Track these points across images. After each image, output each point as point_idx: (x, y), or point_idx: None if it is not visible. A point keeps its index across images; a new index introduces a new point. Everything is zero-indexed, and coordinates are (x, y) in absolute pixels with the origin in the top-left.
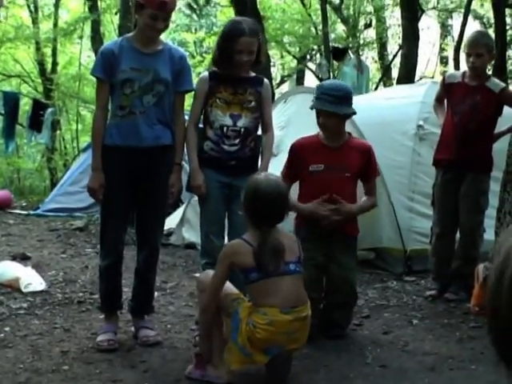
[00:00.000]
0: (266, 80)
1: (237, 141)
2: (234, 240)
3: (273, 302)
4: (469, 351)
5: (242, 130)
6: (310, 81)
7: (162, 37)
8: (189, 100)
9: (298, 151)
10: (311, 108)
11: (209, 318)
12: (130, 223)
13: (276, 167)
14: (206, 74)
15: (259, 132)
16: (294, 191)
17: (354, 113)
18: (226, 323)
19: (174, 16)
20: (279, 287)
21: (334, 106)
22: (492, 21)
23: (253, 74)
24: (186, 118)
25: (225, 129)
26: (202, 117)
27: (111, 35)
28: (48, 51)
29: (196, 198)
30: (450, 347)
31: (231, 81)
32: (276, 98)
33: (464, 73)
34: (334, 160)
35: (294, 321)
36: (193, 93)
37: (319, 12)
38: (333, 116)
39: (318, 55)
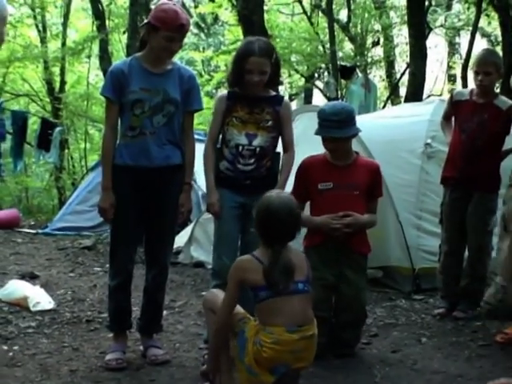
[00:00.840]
0: (286, 99)
1: (252, 160)
2: (244, 256)
3: (279, 321)
4: (477, 370)
5: (258, 149)
6: (318, 99)
7: None
8: (197, 119)
9: (306, 170)
10: (316, 134)
11: (222, 337)
12: (139, 242)
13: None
14: (225, 93)
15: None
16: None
17: (359, 131)
18: (232, 343)
19: None
20: (287, 306)
21: (337, 130)
22: (500, 39)
23: (272, 93)
24: (196, 137)
25: (240, 148)
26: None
27: (119, 54)
28: (56, 70)
29: (204, 216)
30: (458, 366)
31: (248, 100)
32: None
33: (472, 90)
34: (343, 178)
35: (300, 340)
36: (200, 112)
37: (327, 30)
38: (338, 140)
39: (325, 74)
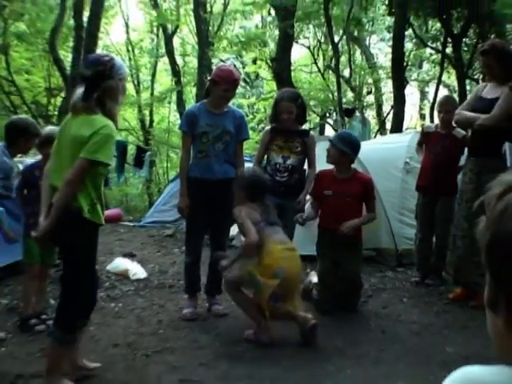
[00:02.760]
0: (311, 132)
1: (285, 174)
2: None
3: (271, 239)
4: (443, 321)
5: (290, 166)
6: (329, 132)
7: None
8: (245, 146)
9: (319, 179)
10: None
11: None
12: (205, 232)
13: None
14: (269, 128)
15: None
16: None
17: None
18: (252, 292)
19: None
20: (274, 232)
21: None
22: (456, 88)
23: (301, 128)
24: (244, 158)
25: (277, 165)
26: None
27: (190, 101)
28: (146, 113)
29: None
30: (429, 318)
31: (284, 133)
32: None
33: (437, 125)
34: (340, 188)
35: (285, 249)
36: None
37: (335, 83)
38: (341, 153)
39: (334, 114)
